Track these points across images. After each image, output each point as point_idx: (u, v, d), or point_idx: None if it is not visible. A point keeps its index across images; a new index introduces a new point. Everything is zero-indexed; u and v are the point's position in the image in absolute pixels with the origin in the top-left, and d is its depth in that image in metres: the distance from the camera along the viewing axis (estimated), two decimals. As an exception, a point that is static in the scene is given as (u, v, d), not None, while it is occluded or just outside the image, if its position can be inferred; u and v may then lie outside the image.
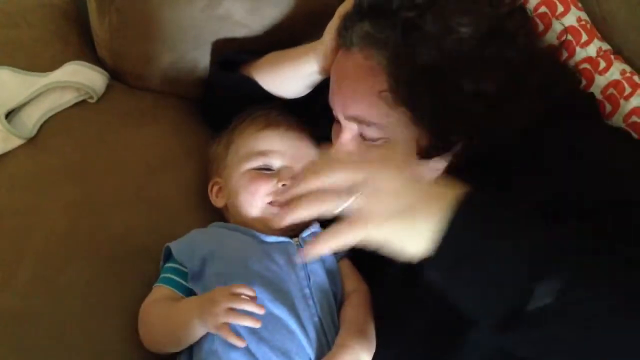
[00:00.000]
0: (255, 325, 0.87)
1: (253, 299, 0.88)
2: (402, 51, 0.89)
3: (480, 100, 0.89)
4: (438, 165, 0.96)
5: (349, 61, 0.95)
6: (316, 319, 0.94)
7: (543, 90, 0.92)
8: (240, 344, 0.86)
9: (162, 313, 0.96)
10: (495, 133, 0.91)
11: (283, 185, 1.04)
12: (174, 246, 1.01)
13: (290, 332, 0.92)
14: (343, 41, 0.96)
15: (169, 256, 1.03)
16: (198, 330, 0.91)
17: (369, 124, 0.95)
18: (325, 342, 0.93)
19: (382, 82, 0.91)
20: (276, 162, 1.07)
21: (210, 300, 0.88)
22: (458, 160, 0.94)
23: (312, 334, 0.93)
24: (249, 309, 0.87)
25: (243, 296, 0.87)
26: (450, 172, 0.96)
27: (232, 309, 0.86)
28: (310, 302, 0.94)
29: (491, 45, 0.89)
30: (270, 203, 1.05)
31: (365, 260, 1.02)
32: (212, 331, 0.89)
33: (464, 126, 0.91)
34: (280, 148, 1.08)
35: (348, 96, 0.96)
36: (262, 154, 1.07)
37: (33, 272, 1.02)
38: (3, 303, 0.99)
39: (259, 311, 0.87)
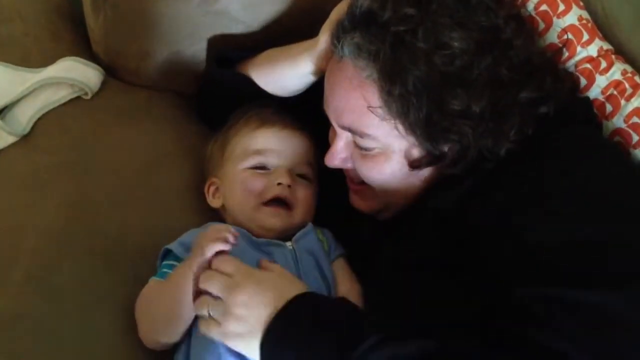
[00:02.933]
0: (230, 243, 0.91)
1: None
2: (392, 65, 0.89)
3: (471, 115, 0.89)
4: (428, 175, 0.97)
5: (341, 71, 0.95)
6: None
7: (535, 104, 0.92)
8: (226, 246, 0.90)
9: (157, 290, 0.97)
10: (486, 146, 0.91)
11: (278, 184, 1.04)
12: (175, 248, 1.00)
13: None
14: (335, 50, 0.95)
15: (164, 256, 1.02)
16: (188, 285, 0.92)
17: (362, 134, 0.95)
18: None
19: (373, 95, 0.92)
20: (271, 161, 1.06)
21: (196, 243, 0.93)
22: (448, 171, 0.94)
23: None
24: (230, 238, 0.91)
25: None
26: (440, 181, 0.97)
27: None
28: None
29: (484, 60, 0.89)
30: (265, 204, 1.04)
31: (358, 251, 1.05)
32: (199, 259, 0.91)
33: (455, 139, 0.91)
34: (275, 147, 1.07)
35: (340, 107, 0.96)
36: (258, 153, 1.07)
37: (27, 272, 1.02)
38: (-4, 303, 0.98)
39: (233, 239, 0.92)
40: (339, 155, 1.00)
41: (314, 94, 1.06)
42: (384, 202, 1.02)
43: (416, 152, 0.95)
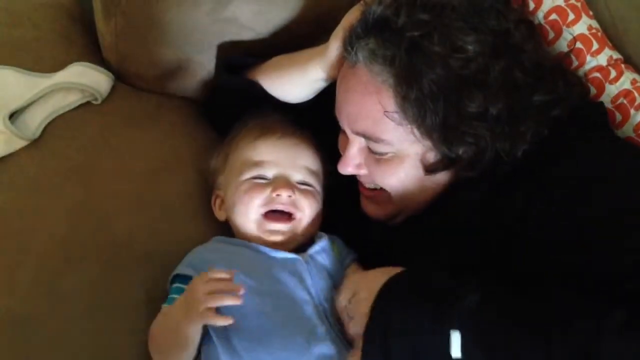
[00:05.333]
0: (236, 302, 0.87)
1: (230, 280, 0.89)
2: (408, 70, 0.89)
3: (488, 118, 0.89)
4: (443, 179, 0.97)
5: (355, 77, 0.95)
6: (333, 333, 0.94)
7: (549, 106, 0.93)
8: (226, 321, 0.87)
9: (159, 326, 0.95)
10: (503, 148, 0.91)
11: (277, 195, 1.02)
12: (183, 271, 0.99)
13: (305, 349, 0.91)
14: (348, 56, 0.95)
15: (175, 277, 1.01)
16: (189, 329, 0.90)
17: (377, 140, 0.95)
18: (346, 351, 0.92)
19: (388, 100, 0.92)
20: (270, 172, 1.05)
21: (190, 292, 0.89)
22: (464, 174, 0.95)
23: (332, 347, 0.92)
24: (227, 288, 0.87)
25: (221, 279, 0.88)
26: (454, 186, 0.96)
27: (212, 294, 0.87)
28: (325, 319, 0.95)
29: (498, 63, 0.89)
30: (265, 216, 1.03)
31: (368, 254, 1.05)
32: (198, 322, 0.89)
33: (472, 142, 0.91)
34: (273, 157, 1.05)
35: (354, 112, 0.96)
36: (256, 164, 1.05)
37: (34, 275, 1.02)
38: (3, 306, 0.98)
39: (238, 290, 0.88)
40: (352, 161, 1.00)
41: (323, 101, 1.07)
42: (399, 207, 1.02)
43: (432, 156, 0.95)
